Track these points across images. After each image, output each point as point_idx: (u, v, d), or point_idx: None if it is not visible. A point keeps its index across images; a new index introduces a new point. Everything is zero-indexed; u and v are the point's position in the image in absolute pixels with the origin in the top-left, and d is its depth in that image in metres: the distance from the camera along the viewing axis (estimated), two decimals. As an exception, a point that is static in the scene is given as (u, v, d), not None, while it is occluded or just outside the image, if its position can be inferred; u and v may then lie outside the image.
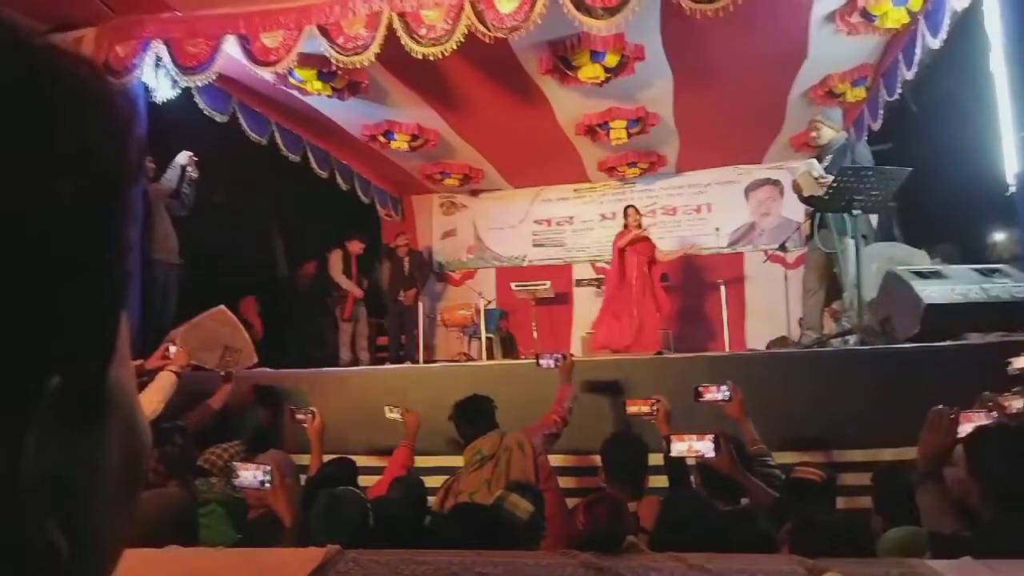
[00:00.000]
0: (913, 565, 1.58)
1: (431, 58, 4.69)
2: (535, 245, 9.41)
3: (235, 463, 2.29)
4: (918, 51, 5.00)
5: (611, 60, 5.48)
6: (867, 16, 5.01)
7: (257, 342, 7.36)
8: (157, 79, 5.15)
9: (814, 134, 5.27)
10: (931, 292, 3.99)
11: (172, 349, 3.96)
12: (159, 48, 4.98)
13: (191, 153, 5.51)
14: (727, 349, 6.90)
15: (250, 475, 2.21)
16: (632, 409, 3.23)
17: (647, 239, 7.15)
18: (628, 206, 7.33)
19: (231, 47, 4.96)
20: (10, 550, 0.26)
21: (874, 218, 5.50)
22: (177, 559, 1.40)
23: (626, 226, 7.19)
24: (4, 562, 0.26)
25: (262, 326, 7.46)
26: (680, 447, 2.67)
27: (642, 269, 6.99)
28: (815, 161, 5.14)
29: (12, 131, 0.26)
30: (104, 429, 0.31)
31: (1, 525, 0.25)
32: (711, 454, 2.61)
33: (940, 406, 2.12)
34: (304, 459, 3.42)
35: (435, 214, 9.69)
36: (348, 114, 6.60)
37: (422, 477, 3.25)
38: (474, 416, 3.16)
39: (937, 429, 2.08)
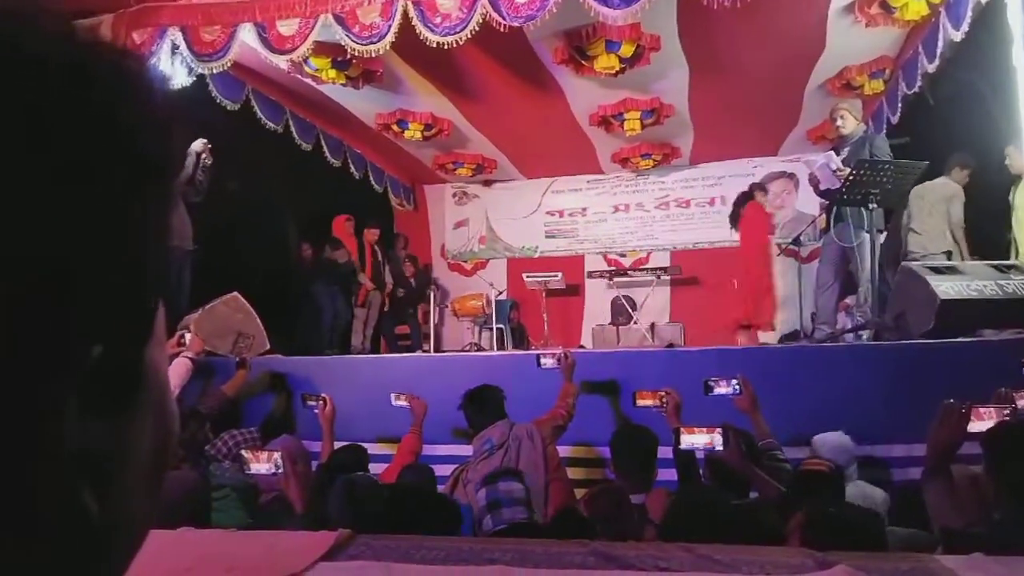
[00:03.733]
0: (924, 560, 1.57)
1: (446, 47, 4.69)
2: (547, 236, 9.40)
3: (246, 451, 2.31)
4: (940, 43, 4.94)
5: (626, 50, 5.45)
6: (886, 7, 4.95)
7: (347, 262, 7.38)
8: (173, 66, 5.17)
9: (839, 122, 5.18)
10: (946, 288, 3.95)
11: (187, 336, 4.00)
12: (175, 35, 5.01)
13: (205, 140, 5.53)
14: (739, 343, 6.86)
15: (263, 463, 2.23)
16: (642, 402, 3.23)
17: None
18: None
19: (247, 35, 4.97)
20: (44, 511, 0.27)
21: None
22: (192, 540, 1.42)
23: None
24: (37, 522, 0.27)
25: (356, 247, 7.53)
26: (689, 440, 2.67)
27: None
28: (833, 154, 5.10)
29: (64, 121, 0.27)
30: (139, 407, 0.32)
31: (38, 486, 0.27)
32: (719, 447, 2.61)
33: (951, 401, 2.11)
34: (315, 445, 3.45)
35: (447, 204, 9.70)
36: (362, 103, 6.61)
37: (431, 465, 3.27)
38: (484, 405, 3.18)
39: (947, 424, 2.07)
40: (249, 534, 1.50)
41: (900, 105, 6.13)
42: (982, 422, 2.15)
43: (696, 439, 2.70)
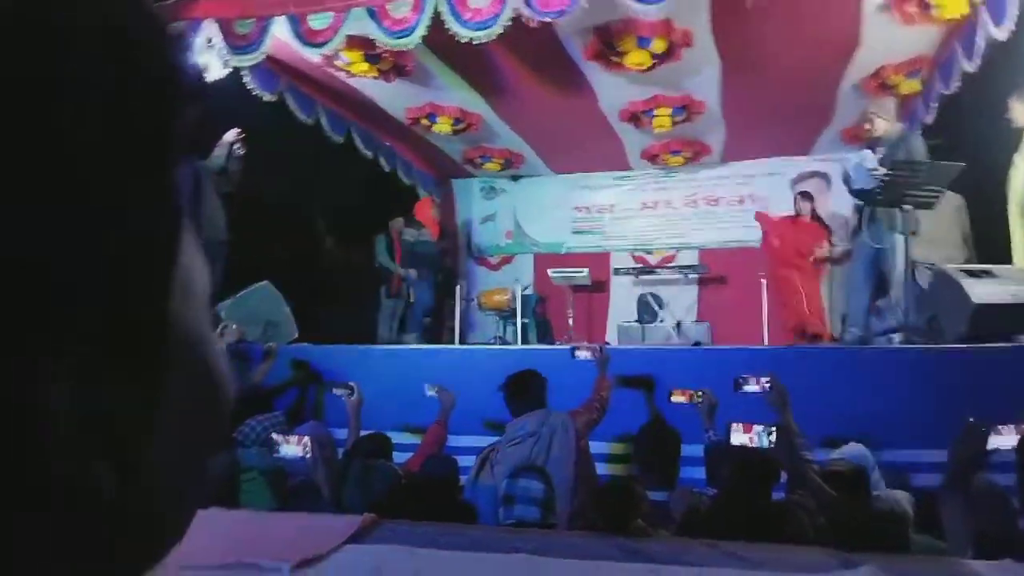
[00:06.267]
0: (952, 563, 1.56)
1: (476, 42, 4.70)
2: (574, 232, 9.37)
3: (277, 436, 2.36)
4: (979, 41, 4.83)
5: (658, 46, 5.41)
6: (924, 5, 4.85)
7: (431, 242, 7.48)
8: (207, 59, 5.24)
9: (868, 126, 5.13)
10: (981, 292, 3.88)
11: (232, 328, 4.10)
12: (210, 28, 5.08)
13: (238, 130, 5.60)
14: (766, 343, 6.80)
15: (292, 448, 2.27)
16: (676, 399, 3.23)
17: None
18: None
19: (280, 28, 5.03)
20: (52, 482, 0.25)
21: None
22: (222, 520, 1.46)
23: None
24: (45, 493, 0.25)
25: (438, 229, 7.75)
26: (741, 437, 2.64)
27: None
28: (869, 153, 5.03)
29: (98, 71, 0.26)
30: (164, 373, 0.29)
31: (45, 455, 0.25)
32: (771, 445, 2.58)
33: (971, 419, 2.09)
34: (341, 433, 3.49)
35: (475, 199, 9.71)
36: (392, 96, 6.64)
37: (455, 457, 3.30)
38: (524, 391, 3.19)
39: (967, 442, 2.06)
40: (278, 515, 1.53)
41: (936, 105, 6.01)
42: (1003, 439, 2.12)
43: (748, 436, 2.68)
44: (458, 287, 8.10)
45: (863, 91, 6.25)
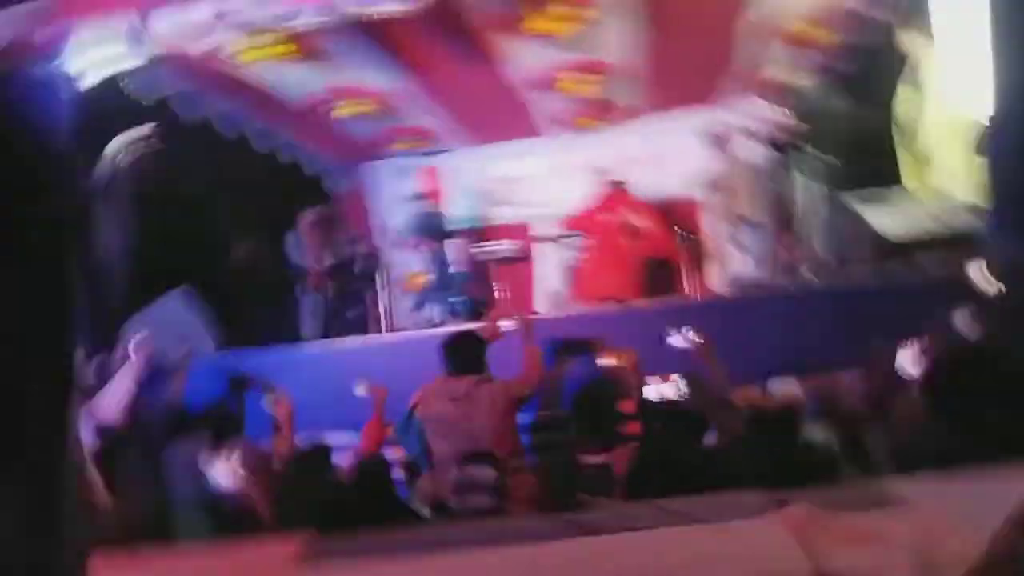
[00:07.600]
0: (876, 486, 1.64)
1: (374, 18, 4.54)
2: (490, 204, 9.29)
3: (203, 462, 2.25)
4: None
5: (561, 10, 5.36)
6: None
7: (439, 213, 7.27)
8: (80, 64, 4.86)
9: (773, 76, 5.25)
10: (882, 223, 4.08)
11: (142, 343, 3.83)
12: (78, 28, 4.71)
13: (153, 125, 5.21)
14: (691, 294, 6.98)
15: (222, 472, 2.18)
16: (603, 360, 3.30)
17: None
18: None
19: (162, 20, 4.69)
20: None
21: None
22: (158, 562, 1.38)
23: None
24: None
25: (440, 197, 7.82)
26: (652, 390, 2.74)
27: None
28: (771, 104, 5.16)
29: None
30: None
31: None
32: (681, 395, 2.67)
33: (877, 344, 2.20)
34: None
35: (388, 181, 9.49)
36: (289, 82, 6.38)
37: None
38: (456, 353, 3.32)
39: (875, 366, 2.16)
40: (216, 550, 1.46)
41: (848, 55, 6.08)
42: (909, 356, 2.24)
43: (658, 389, 2.77)
44: (382, 273, 7.95)
45: (770, 39, 6.30)
